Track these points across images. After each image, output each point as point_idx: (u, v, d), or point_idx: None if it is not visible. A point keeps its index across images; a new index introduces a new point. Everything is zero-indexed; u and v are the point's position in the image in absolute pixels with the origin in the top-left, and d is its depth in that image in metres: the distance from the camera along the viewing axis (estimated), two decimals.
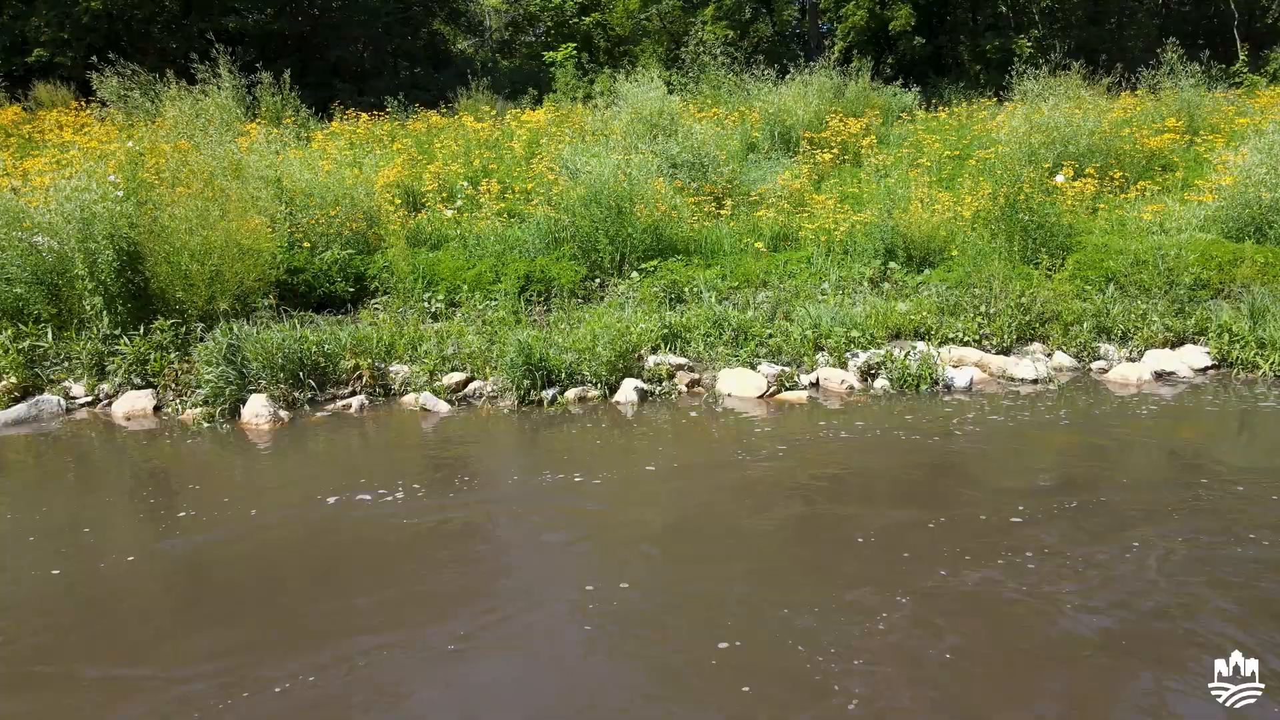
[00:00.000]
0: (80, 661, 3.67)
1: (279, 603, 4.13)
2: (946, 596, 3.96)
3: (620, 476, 5.68)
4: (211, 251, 7.75)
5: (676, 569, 4.38)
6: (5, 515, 5.18)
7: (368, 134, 12.91)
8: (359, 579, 4.33)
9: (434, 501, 5.28)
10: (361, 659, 3.60)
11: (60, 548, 4.74)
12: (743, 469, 5.69)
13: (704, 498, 5.26)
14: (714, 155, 11.21)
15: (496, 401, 7.19)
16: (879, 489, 5.35)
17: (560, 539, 4.79)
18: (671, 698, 3.36)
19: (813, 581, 4.20)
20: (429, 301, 8.45)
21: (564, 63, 17.82)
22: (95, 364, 7.35)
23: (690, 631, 3.78)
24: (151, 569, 4.56)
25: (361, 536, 4.81)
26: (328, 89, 17.75)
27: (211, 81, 12.62)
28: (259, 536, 4.86)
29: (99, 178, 7.69)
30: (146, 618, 4.07)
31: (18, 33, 17.36)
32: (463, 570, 4.39)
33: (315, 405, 7.13)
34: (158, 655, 3.71)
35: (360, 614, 3.98)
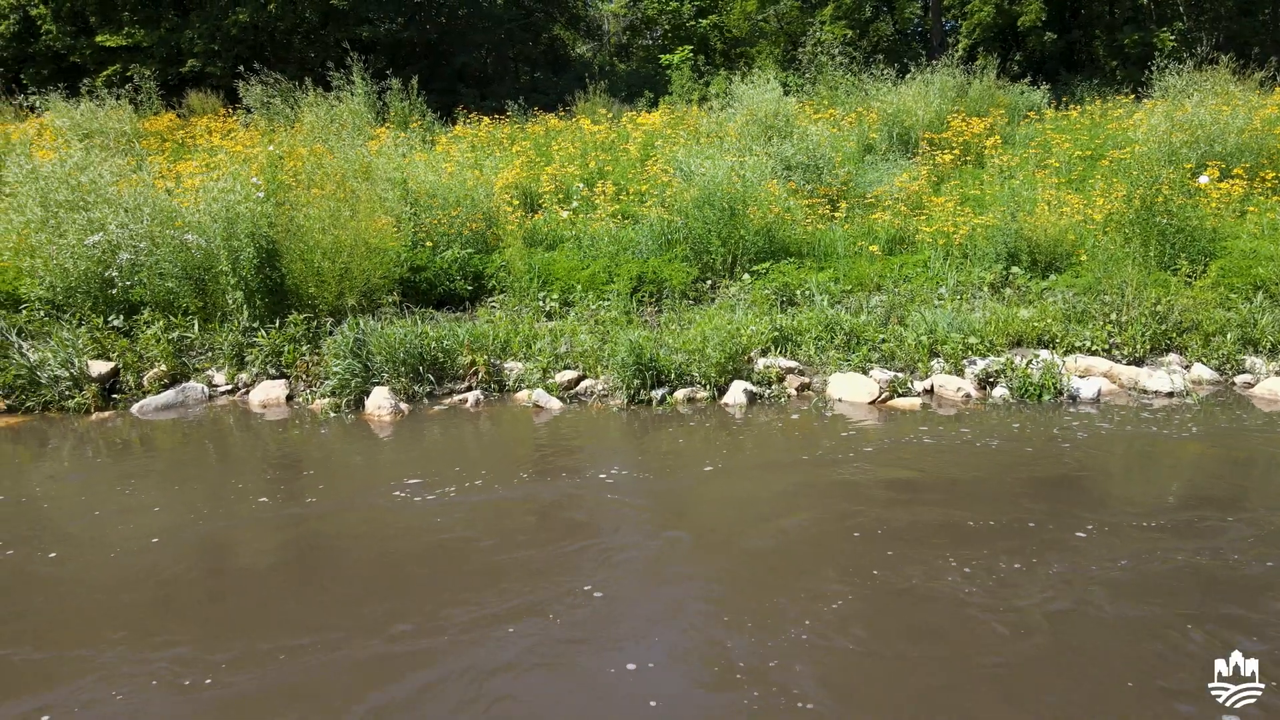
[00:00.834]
0: (199, 612, 3.95)
1: (393, 576, 4.33)
2: (1035, 611, 3.80)
3: (725, 476, 5.69)
4: (342, 250, 8.14)
5: (773, 568, 4.35)
6: (154, 490, 5.60)
7: (489, 137, 13.30)
8: (470, 558, 4.49)
9: (542, 491, 5.42)
10: (464, 632, 3.74)
11: (198, 519, 5.10)
12: (851, 473, 5.60)
13: (809, 498, 5.20)
14: (829, 157, 11.06)
15: (607, 400, 7.30)
16: (992, 499, 5.17)
17: (665, 535, 4.83)
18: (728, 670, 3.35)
19: (905, 594, 4.10)
20: (544, 300, 8.65)
21: (680, 65, 17.89)
22: (235, 354, 7.84)
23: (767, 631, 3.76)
24: (277, 541, 4.85)
25: (474, 520, 4.99)
26: (452, 94, 18.37)
27: (345, 88, 13.27)
28: (377, 517, 5.11)
29: (243, 180, 8.20)
30: (285, 586, 4.34)
31: (174, 45, 18.68)
32: (568, 555, 4.49)
33: (433, 399, 7.40)
34: (286, 617, 3.95)
35: (466, 589, 4.13)
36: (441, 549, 4.71)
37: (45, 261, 8.10)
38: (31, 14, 18.92)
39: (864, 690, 3.41)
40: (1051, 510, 4.94)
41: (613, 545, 4.73)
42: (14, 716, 3.38)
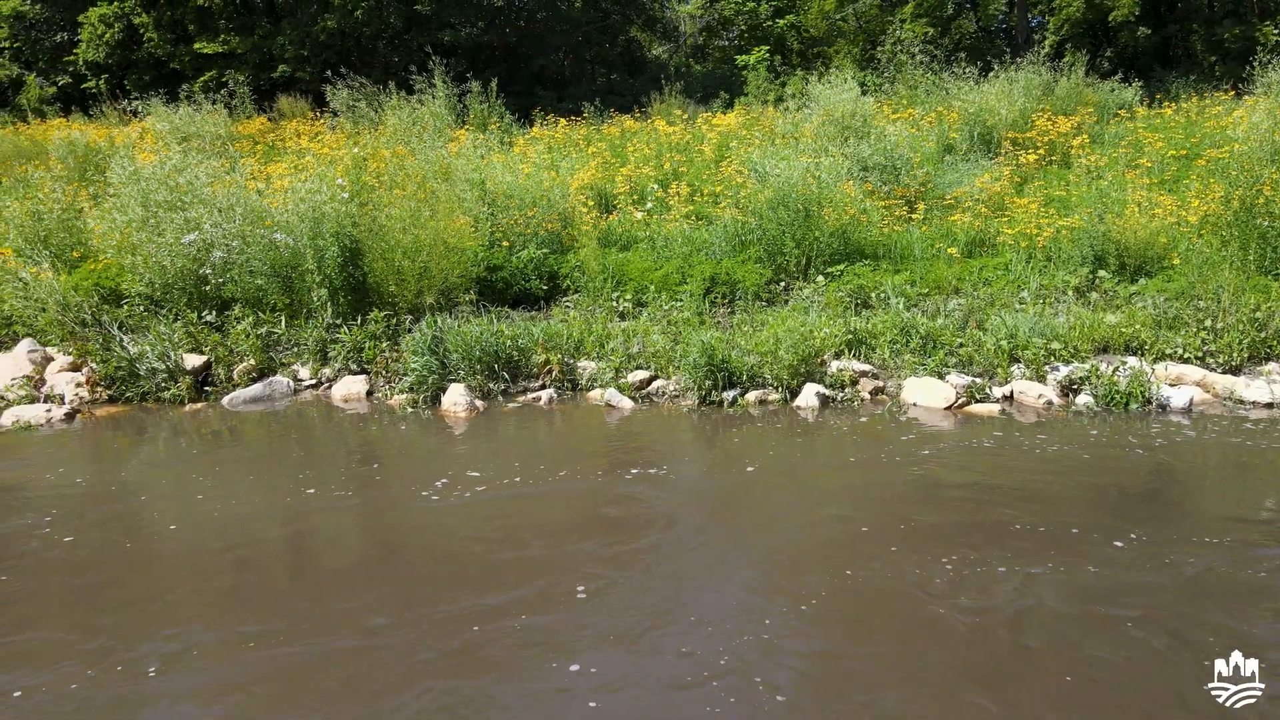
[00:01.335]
0: (282, 592, 4.10)
1: (464, 558, 4.43)
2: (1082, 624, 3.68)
3: (794, 477, 5.65)
4: (421, 249, 8.35)
5: (837, 571, 4.31)
6: (240, 477, 5.84)
7: (565, 138, 13.46)
8: (537, 547, 4.56)
9: (612, 485, 5.48)
10: (530, 612, 3.81)
11: (279, 505, 5.30)
12: (924, 478, 5.51)
13: (878, 502, 5.13)
14: (907, 157, 10.86)
15: (678, 400, 7.32)
16: (1052, 505, 5.02)
17: (729, 532, 4.82)
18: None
19: (959, 608, 4.01)
20: (617, 301, 8.71)
21: (756, 66, 17.80)
22: (319, 350, 8.10)
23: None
24: (351, 528, 5.01)
25: (543, 512, 5.08)
26: (530, 96, 18.63)
27: (427, 91, 13.59)
28: (448, 508, 5.23)
29: (328, 181, 8.47)
30: (356, 566, 4.48)
31: (266, 51, 19.39)
32: (632, 545, 4.52)
33: (508, 396, 7.53)
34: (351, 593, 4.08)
35: (534, 574, 4.20)
36: (511, 538, 4.80)
37: (145, 259, 8.50)
38: (135, 23, 19.88)
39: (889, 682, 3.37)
40: (1107, 518, 4.80)
41: (677, 539, 4.75)
42: (112, 673, 3.57)
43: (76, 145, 12.34)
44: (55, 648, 3.90)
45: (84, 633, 4.00)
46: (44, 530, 5.13)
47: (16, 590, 4.45)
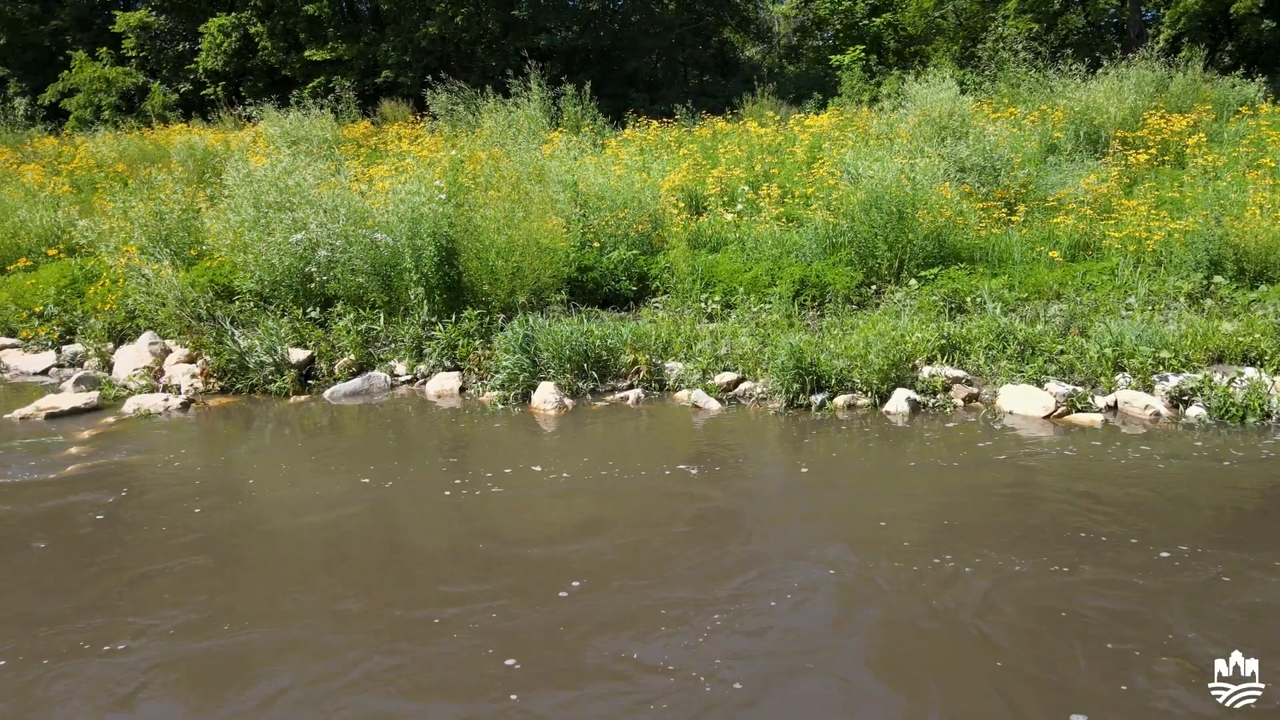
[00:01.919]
0: (374, 573, 4.27)
1: (552, 543, 4.52)
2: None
3: (883, 481, 5.57)
4: (515, 249, 8.53)
5: (923, 579, 4.22)
6: (340, 466, 6.09)
7: (657, 140, 13.54)
8: (619, 539, 4.62)
9: (697, 482, 5.51)
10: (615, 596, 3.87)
11: (374, 493, 5.51)
12: (1018, 485, 5.35)
13: (969, 508, 5.01)
14: (1007, 158, 10.55)
15: (765, 403, 7.29)
16: (1174, 524, 4.80)
17: (809, 530, 4.78)
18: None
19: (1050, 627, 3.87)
20: (706, 302, 8.73)
21: (851, 65, 17.54)
22: (415, 347, 8.36)
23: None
24: (440, 515, 5.17)
25: (626, 506, 5.15)
26: (623, 98, 18.80)
27: (523, 95, 13.87)
28: (535, 501, 5.35)
29: (427, 183, 8.74)
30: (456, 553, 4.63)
31: (371, 58, 20.10)
32: (714, 539, 4.53)
33: (596, 395, 7.62)
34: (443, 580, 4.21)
35: (621, 567, 4.26)
36: (596, 526, 4.88)
37: (256, 257, 8.92)
38: (250, 32, 20.87)
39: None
40: (1208, 537, 4.56)
41: (759, 533, 4.74)
42: (213, 642, 3.79)
43: (196, 149, 13.04)
44: (169, 606, 4.17)
45: (196, 594, 4.26)
46: (161, 508, 5.47)
47: (141, 557, 4.81)
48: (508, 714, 3.42)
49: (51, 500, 5.63)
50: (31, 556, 4.86)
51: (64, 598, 4.39)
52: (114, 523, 5.27)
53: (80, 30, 23.15)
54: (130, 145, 14.83)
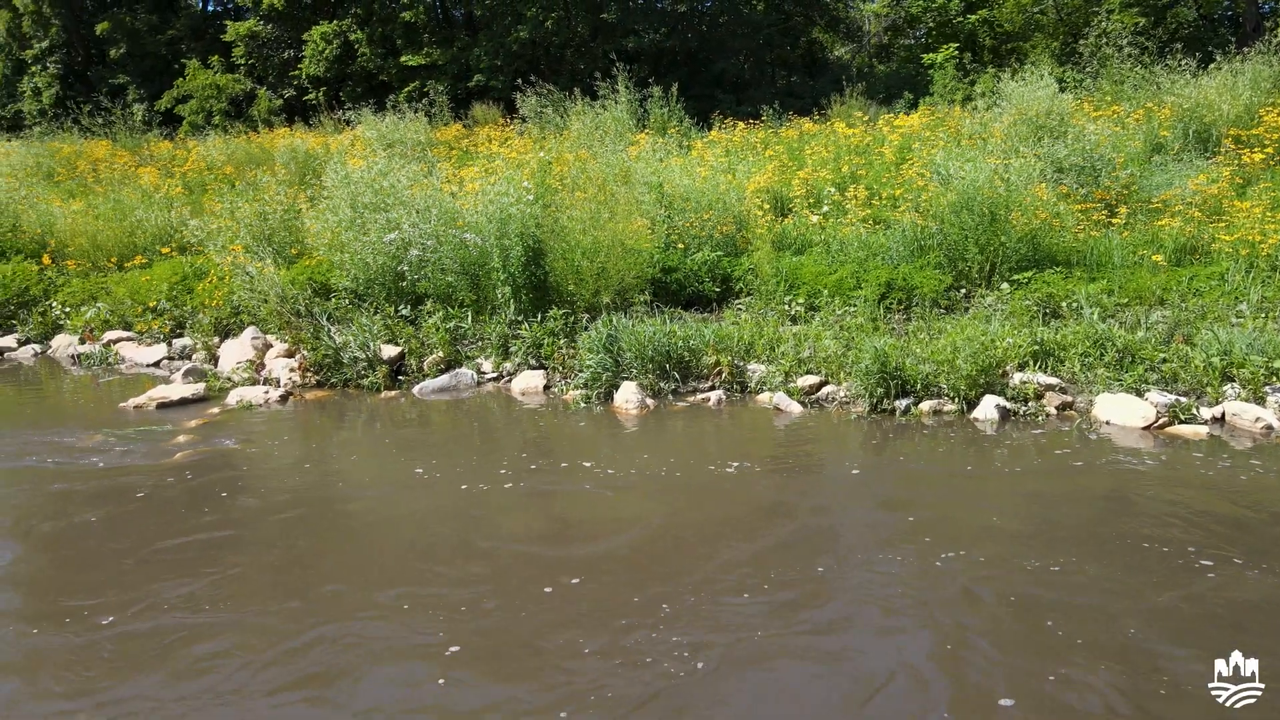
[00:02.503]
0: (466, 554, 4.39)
1: (630, 534, 4.58)
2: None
3: (968, 489, 5.44)
4: (600, 250, 8.63)
5: (1011, 592, 4.11)
6: (426, 459, 6.27)
7: (742, 142, 13.49)
8: (697, 531, 4.64)
9: (778, 482, 5.50)
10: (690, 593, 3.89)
11: (459, 485, 5.66)
12: (1113, 497, 5.16)
13: (1057, 520, 4.85)
14: (1109, 158, 10.14)
15: (848, 407, 7.20)
16: (1215, 528, 4.56)
17: (897, 538, 4.71)
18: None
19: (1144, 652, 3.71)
20: (789, 304, 8.66)
21: (944, 64, 17.13)
22: (501, 345, 8.54)
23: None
24: (522, 507, 5.28)
25: (703, 504, 5.16)
26: (710, 99, 18.79)
27: (610, 97, 14.00)
28: (613, 497, 5.42)
29: (515, 184, 8.92)
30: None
31: (463, 62, 20.59)
32: (791, 540, 4.51)
33: (677, 396, 7.65)
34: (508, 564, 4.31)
35: (699, 562, 4.28)
36: (678, 521, 4.90)
37: (351, 256, 9.26)
38: (350, 39, 21.63)
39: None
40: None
41: (839, 533, 4.69)
42: (316, 608, 3.96)
43: (298, 152, 13.59)
44: (267, 586, 4.40)
45: (291, 574, 4.47)
46: (258, 492, 5.76)
47: (241, 539, 5.10)
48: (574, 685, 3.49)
49: (161, 483, 5.96)
50: (141, 533, 5.17)
51: (168, 569, 4.65)
52: (216, 505, 5.56)
53: (194, 39, 24.38)
54: (238, 149, 15.55)
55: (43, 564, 4.96)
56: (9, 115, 24.92)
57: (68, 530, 5.31)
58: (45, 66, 24.65)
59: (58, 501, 5.74)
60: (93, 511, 5.53)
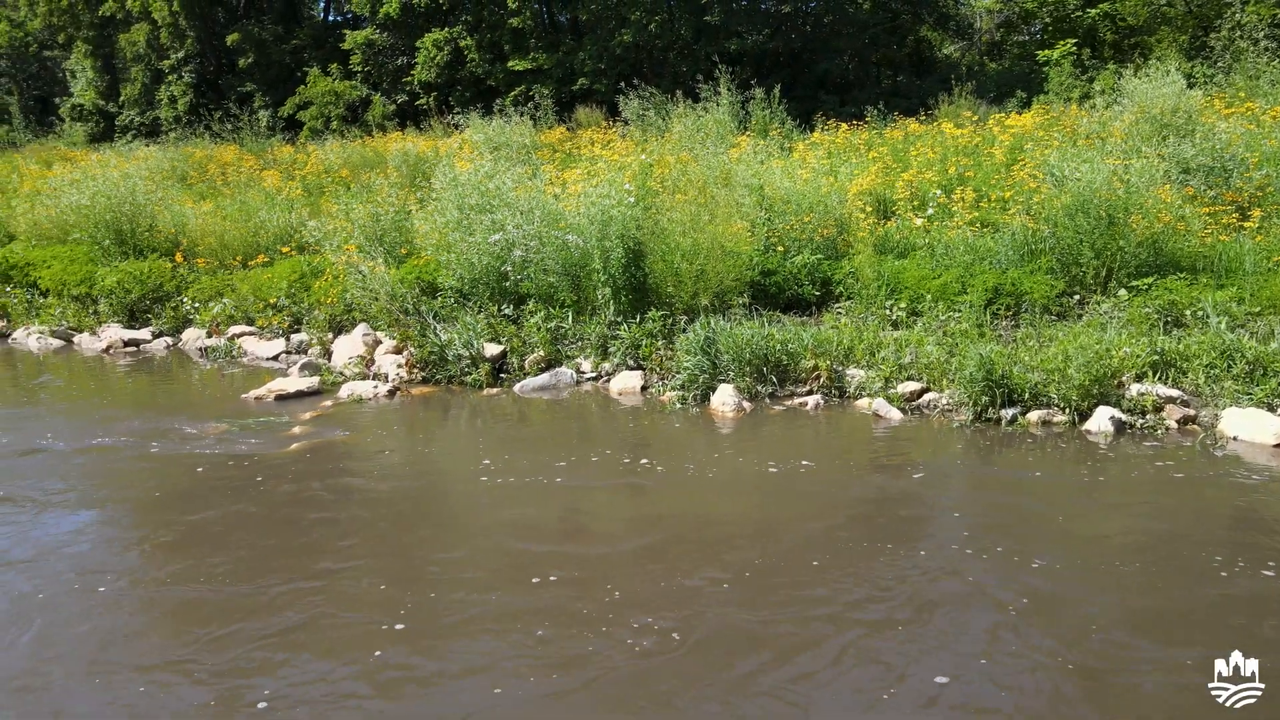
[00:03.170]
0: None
1: (724, 532, 4.59)
2: None
3: (1079, 503, 5.23)
4: (699, 252, 8.65)
5: (1130, 616, 3.93)
6: (525, 454, 6.43)
7: (845, 143, 13.29)
8: (787, 533, 4.61)
9: (871, 487, 5.39)
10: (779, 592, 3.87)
11: (557, 480, 5.79)
12: (1236, 519, 4.88)
13: (1174, 539, 4.61)
14: (1242, 157, 9.57)
15: (950, 415, 7.02)
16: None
17: (997, 547, 4.57)
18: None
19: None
20: (890, 309, 8.50)
21: (1060, 61, 16.47)
22: (600, 345, 8.66)
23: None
24: (616, 503, 5.35)
25: (803, 501, 5.11)
26: (812, 100, 18.57)
27: (712, 99, 14.00)
28: (707, 497, 5.43)
29: (617, 186, 9.03)
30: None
31: (568, 66, 20.94)
32: (889, 543, 4.43)
33: (774, 399, 7.61)
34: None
35: (786, 565, 4.25)
36: (767, 528, 4.89)
37: (458, 256, 9.54)
38: (460, 45, 22.27)
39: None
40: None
41: (944, 546, 4.58)
42: (414, 584, 4.13)
43: (409, 155, 14.08)
44: (370, 562, 4.61)
45: (392, 554, 4.67)
46: (366, 481, 6.03)
47: (351, 521, 5.36)
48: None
49: (278, 470, 6.29)
50: (258, 514, 5.47)
51: (279, 545, 4.92)
52: (327, 492, 5.85)
53: (316, 48, 25.54)
54: (353, 152, 16.22)
55: (170, 536, 5.31)
56: (148, 122, 26.63)
57: (192, 509, 5.67)
58: (181, 76, 26.24)
59: (186, 483, 6.13)
60: (215, 494, 5.89)
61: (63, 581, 4.71)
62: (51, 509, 5.80)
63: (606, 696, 3.62)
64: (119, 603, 4.51)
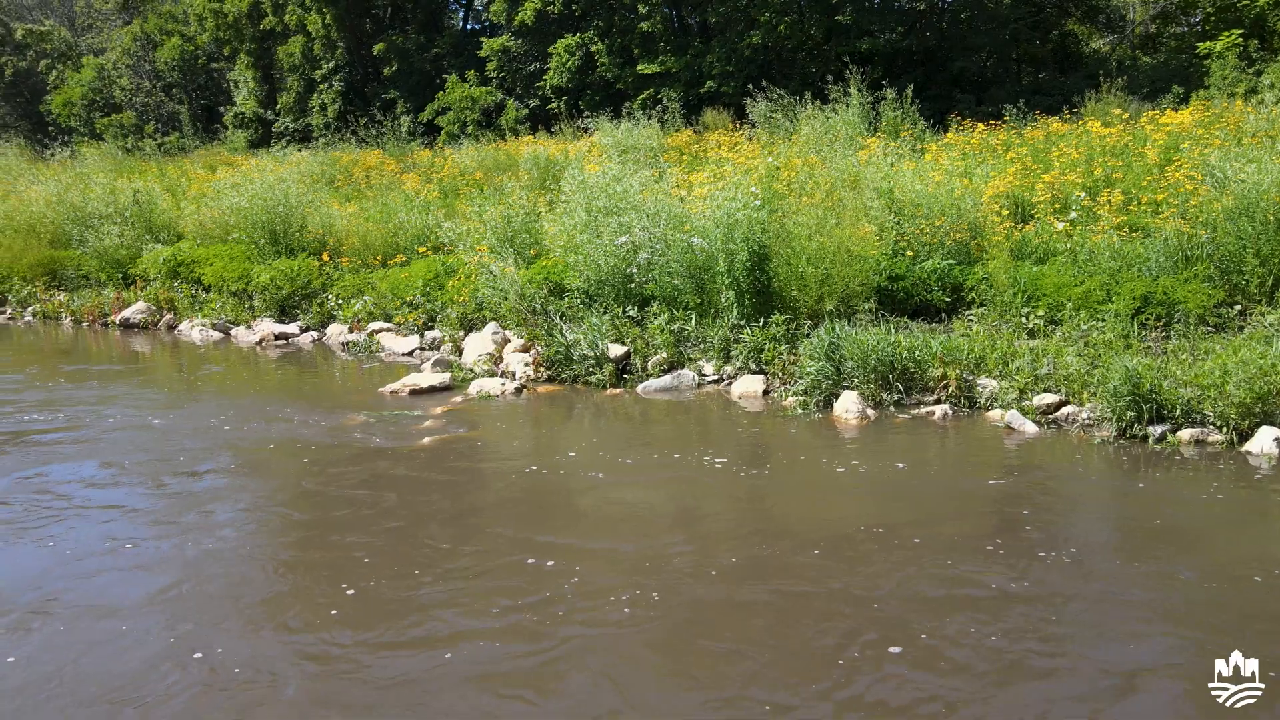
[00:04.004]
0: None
1: (845, 540, 4.52)
2: None
3: (1232, 528, 4.88)
4: (825, 256, 8.53)
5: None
6: (648, 453, 6.51)
7: (981, 144, 12.81)
8: (905, 538, 4.49)
9: (1000, 502, 5.19)
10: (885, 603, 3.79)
11: (675, 480, 5.83)
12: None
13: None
14: None
15: (1091, 430, 6.67)
16: None
17: (1145, 574, 4.31)
18: None
19: None
20: (1027, 317, 8.15)
21: (1224, 53, 15.35)
22: (723, 348, 8.66)
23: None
24: (733, 505, 5.34)
25: (918, 506, 4.97)
26: (946, 100, 17.98)
27: (841, 100, 13.76)
28: (827, 503, 5.35)
29: (742, 189, 9.00)
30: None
31: (696, 69, 21.00)
32: (1020, 561, 4.26)
33: (900, 408, 7.43)
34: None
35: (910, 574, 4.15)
36: (887, 535, 4.78)
37: (585, 258, 9.73)
38: (591, 50, 22.70)
39: None
40: None
41: (1082, 563, 4.36)
42: (537, 562, 4.26)
43: (539, 159, 14.46)
44: (494, 545, 4.79)
45: (514, 539, 4.83)
46: (493, 473, 6.27)
47: (479, 505, 5.72)
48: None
49: (411, 460, 6.60)
50: (391, 499, 5.76)
51: (410, 528, 5.16)
52: (455, 482, 6.13)
53: (455, 56, 26.54)
54: (487, 156, 16.78)
55: (315, 514, 5.67)
56: (301, 128, 28.32)
57: (332, 491, 6.05)
58: (331, 84, 27.78)
59: (327, 468, 6.52)
60: (353, 479, 6.25)
61: (226, 541, 5.15)
62: (215, 482, 6.33)
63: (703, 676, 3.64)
64: (273, 564, 4.90)
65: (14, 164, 20.10)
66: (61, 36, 37.15)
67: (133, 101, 32.90)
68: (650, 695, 3.68)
